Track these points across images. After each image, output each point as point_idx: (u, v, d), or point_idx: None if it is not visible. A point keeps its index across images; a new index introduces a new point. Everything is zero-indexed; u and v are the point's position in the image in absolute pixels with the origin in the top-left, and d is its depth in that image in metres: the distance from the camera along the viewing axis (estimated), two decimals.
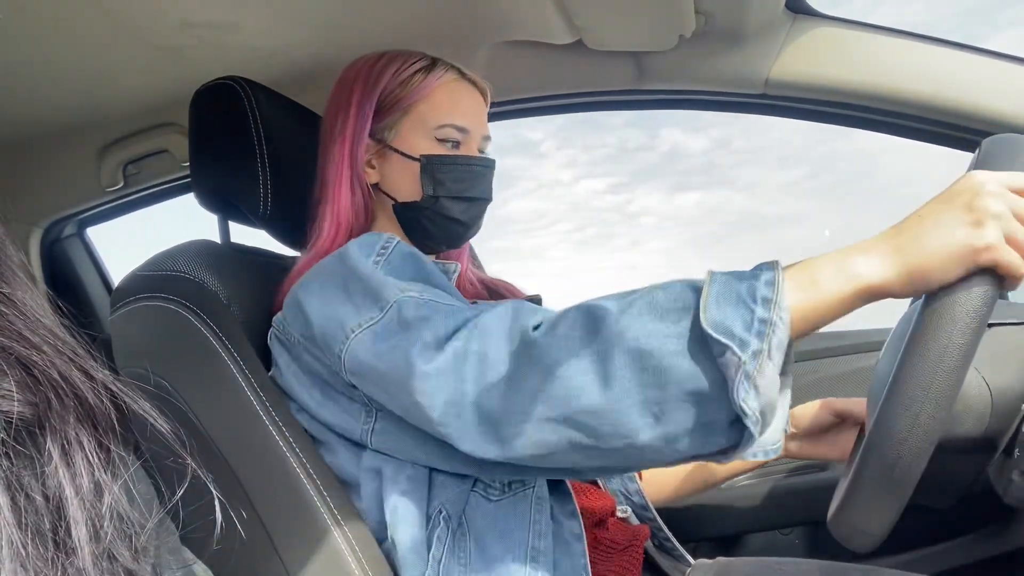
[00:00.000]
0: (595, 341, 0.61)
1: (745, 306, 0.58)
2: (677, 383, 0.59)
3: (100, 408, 0.33)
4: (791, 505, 1.18)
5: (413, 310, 0.71)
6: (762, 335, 0.57)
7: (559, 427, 0.62)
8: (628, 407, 0.60)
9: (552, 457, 0.65)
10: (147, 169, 1.39)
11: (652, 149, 9.44)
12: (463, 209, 0.92)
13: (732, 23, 1.05)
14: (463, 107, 0.92)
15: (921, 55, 1.05)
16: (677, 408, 0.59)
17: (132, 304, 0.84)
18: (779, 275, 0.59)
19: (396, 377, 0.69)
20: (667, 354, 0.59)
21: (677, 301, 0.61)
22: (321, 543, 0.76)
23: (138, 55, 1.03)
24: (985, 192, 0.56)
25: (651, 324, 0.60)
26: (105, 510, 0.31)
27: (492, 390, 0.65)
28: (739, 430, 0.59)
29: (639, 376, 0.59)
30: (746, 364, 0.56)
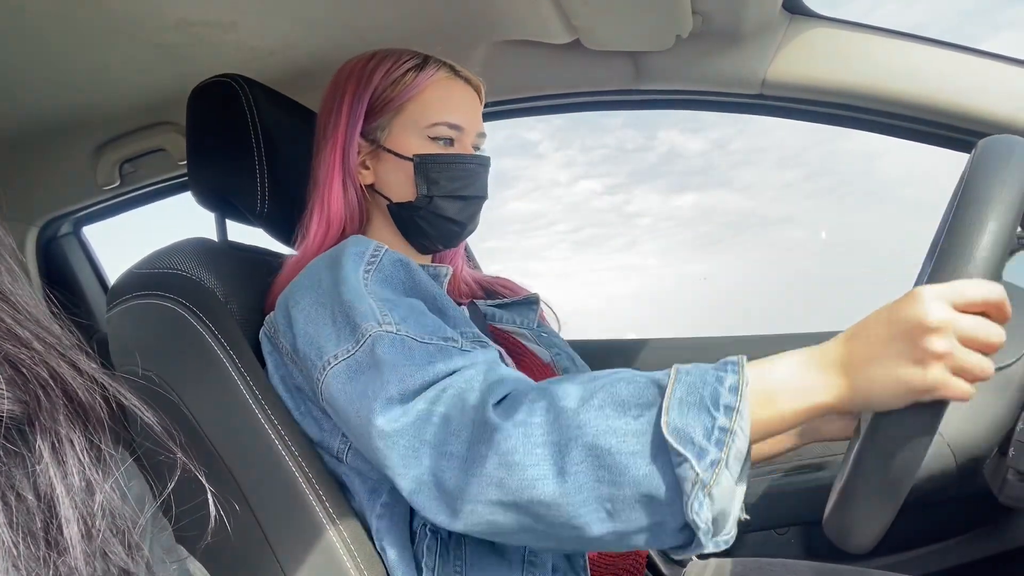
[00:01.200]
0: (553, 431, 0.61)
1: (708, 412, 0.58)
2: (632, 484, 0.59)
3: (90, 405, 0.33)
4: (787, 505, 1.18)
5: (387, 349, 0.70)
6: (721, 444, 0.57)
7: (511, 513, 0.63)
8: (582, 501, 0.60)
9: (503, 536, 0.66)
10: (144, 168, 1.39)
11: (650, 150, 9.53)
12: (458, 208, 0.91)
13: (729, 24, 1.06)
14: (455, 104, 0.91)
15: (918, 56, 1.05)
16: (630, 508, 0.60)
17: (129, 302, 0.84)
18: (743, 382, 0.59)
19: (359, 427, 0.70)
20: (625, 454, 0.59)
21: (640, 397, 0.61)
22: (316, 542, 0.76)
23: (136, 53, 1.03)
24: (929, 329, 0.55)
25: (612, 420, 0.60)
26: (97, 508, 0.31)
27: (449, 463, 0.65)
28: (689, 534, 0.59)
29: (595, 472, 0.60)
30: (702, 476, 0.57)
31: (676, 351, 1.26)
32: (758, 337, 1.24)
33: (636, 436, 0.59)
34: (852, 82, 1.06)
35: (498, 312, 1.00)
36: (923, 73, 1.05)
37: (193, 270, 0.86)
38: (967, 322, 0.55)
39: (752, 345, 1.21)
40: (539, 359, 0.95)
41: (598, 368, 1.02)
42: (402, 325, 0.73)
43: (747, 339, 1.26)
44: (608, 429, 0.60)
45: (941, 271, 0.58)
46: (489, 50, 1.16)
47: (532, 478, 0.61)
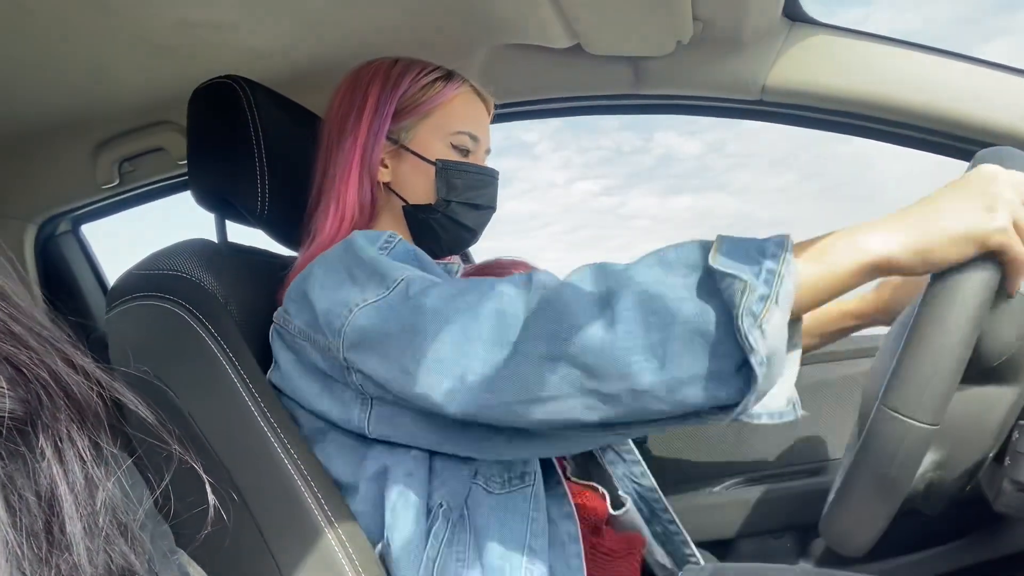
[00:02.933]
0: (601, 283, 0.62)
1: (754, 259, 0.58)
2: (683, 323, 0.58)
3: (90, 403, 0.33)
4: (783, 509, 1.18)
5: (420, 284, 0.71)
6: (770, 283, 0.57)
7: (561, 366, 0.61)
8: (632, 348, 0.59)
9: (549, 405, 0.63)
10: (143, 167, 1.39)
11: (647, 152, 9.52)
12: (472, 216, 0.94)
13: (729, 29, 1.06)
14: (477, 118, 0.96)
15: (916, 64, 1.06)
16: (682, 351, 0.58)
17: (128, 303, 0.84)
18: (788, 239, 0.60)
19: (402, 331, 0.69)
20: (674, 299, 0.59)
21: (688, 257, 0.61)
22: (314, 544, 0.76)
23: (136, 53, 1.03)
24: (999, 180, 0.58)
25: (660, 274, 0.61)
26: (99, 505, 0.31)
27: (503, 346, 0.64)
28: (744, 380, 0.58)
29: (645, 318, 0.59)
30: (753, 300, 0.56)
31: None
32: None
33: (685, 288, 0.59)
34: (852, 89, 1.07)
35: None
36: (922, 81, 1.05)
37: (193, 272, 0.86)
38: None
39: None
40: None
41: None
42: (431, 277, 0.75)
43: None
44: (657, 280, 0.60)
45: (938, 279, 0.59)
46: (490, 54, 1.17)
47: (581, 324, 0.61)
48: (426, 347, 0.67)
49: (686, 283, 0.60)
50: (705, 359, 0.58)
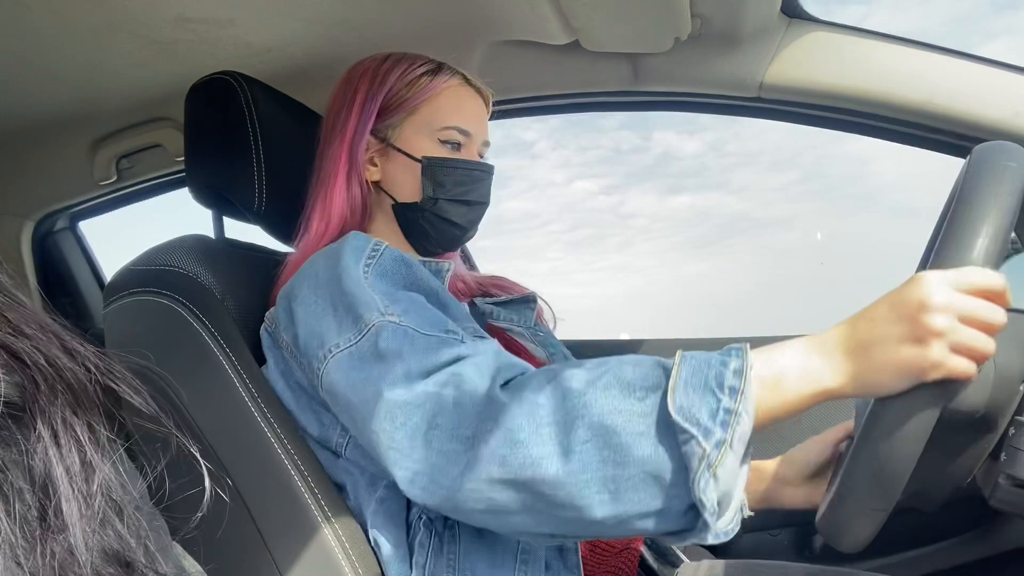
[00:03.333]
0: (559, 411, 0.61)
1: (712, 394, 0.58)
2: (637, 463, 0.59)
3: (87, 388, 0.33)
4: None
5: (390, 339, 0.70)
6: (726, 425, 0.57)
7: (512, 491, 0.62)
8: (585, 482, 0.59)
9: (501, 516, 0.65)
10: (141, 163, 1.38)
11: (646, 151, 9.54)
12: (462, 213, 0.92)
13: (728, 26, 1.06)
14: (467, 111, 0.93)
15: (914, 61, 1.06)
16: (634, 488, 0.59)
17: (125, 298, 0.84)
18: (747, 365, 0.60)
19: (364, 409, 0.69)
20: (630, 434, 0.59)
21: (646, 379, 0.61)
22: (311, 539, 0.76)
23: (133, 49, 1.03)
24: (931, 307, 0.56)
25: (617, 401, 0.60)
26: (96, 488, 0.31)
27: (457, 445, 0.64)
28: (693, 517, 0.59)
29: (600, 452, 0.59)
30: (709, 455, 0.57)
31: (670, 351, 1.26)
32: (751, 338, 1.25)
33: (642, 417, 0.59)
34: (849, 86, 1.07)
35: (496, 310, 1.00)
36: (920, 78, 1.05)
37: (190, 267, 0.86)
38: (969, 302, 0.57)
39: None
40: (535, 358, 0.95)
41: None
42: (404, 317, 0.73)
43: (740, 341, 1.26)
44: (614, 409, 0.60)
45: (938, 265, 0.59)
46: (487, 50, 1.16)
47: (536, 456, 0.60)
48: (385, 431, 0.67)
49: (643, 411, 0.59)
50: (657, 499, 0.59)
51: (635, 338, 1.34)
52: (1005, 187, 0.60)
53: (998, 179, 0.60)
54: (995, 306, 0.57)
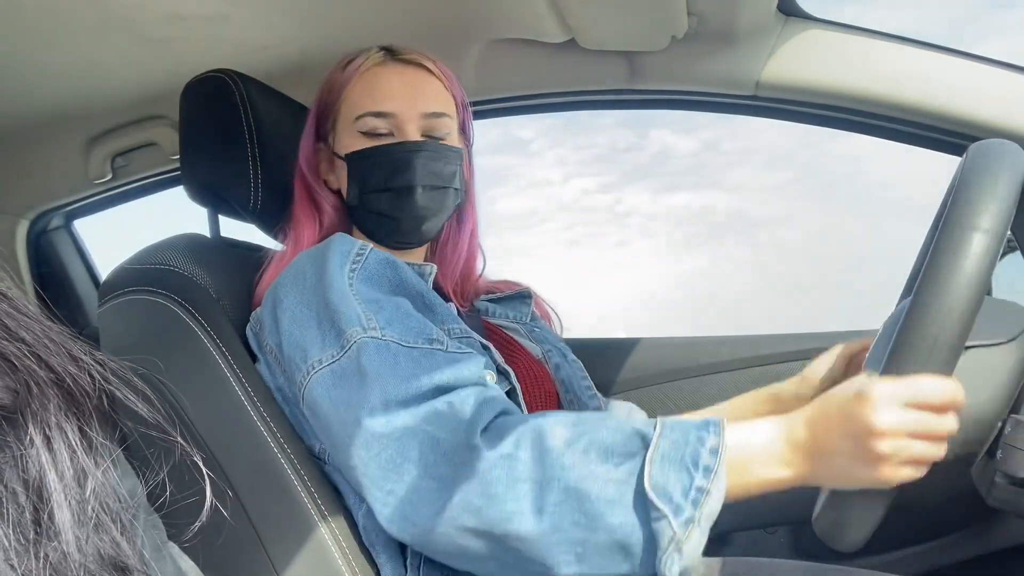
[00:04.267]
0: (536, 469, 0.63)
1: (688, 472, 0.61)
2: (607, 531, 0.61)
3: (85, 394, 0.33)
4: (776, 504, 1.18)
5: (372, 357, 0.71)
6: (697, 503, 0.60)
7: (483, 541, 0.64)
8: (555, 542, 0.62)
9: (469, 562, 0.67)
10: (136, 162, 1.38)
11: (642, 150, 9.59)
12: (388, 201, 0.86)
13: (724, 24, 1.06)
14: (384, 91, 0.87)
15: (910, 59, 1.06)
16: (601, 554, 0.61)
17: (120, 297, 0.84)
18: (722, 446, 0.62)
19: (342, 433, 0.70)
20: (603, 501, 0.61)
21: (624, 446, 0.63)
22: (307, 537, 0.76)
23: (128, 47, 1.03)
24: (876, 432, 0.58)
25: (594, 465, 0.62)
26: (89, 494, 0.31)
27: (430, 484, 0.66)
28: None
29: (572, 515, 0.61)
30: (677, 534, 0.59)
31: (667, 349, 1.26)
32: (745, 337, 1.25)
33: (616, 485, 0.62)
34: (846, 84, 1.07)
35: (491, 306, 1.00)
36: (916, 76, 1.05)
37: (185, 266, 0.86)
38: (916, 419, 0.58)
39: (739, 345, 1.21)
40: (530, 355, 0.95)
41: (589, 365, 1.02)
42: (387, 329, 0.73)
43: (736, 339, 1.26)
44: (590, 474, 0.62)
45: (930, 281, 0.59)
46: (484, 48, 1.16)
47: (510, 512, 0.62)
48: (360, 459, 0.68)
49: (618, 479, 0.61)
50: (623, 565, 0.62)
51: (634, 336, 1.34)
52: (1000, 187, 0.60)
53: (993, 179, 0.60)
54: (943, 417, 0.59)
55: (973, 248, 0.58)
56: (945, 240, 0.59)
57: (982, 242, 0.58)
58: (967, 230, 0.58)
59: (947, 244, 0.59)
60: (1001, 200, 0.59)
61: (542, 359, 0.96)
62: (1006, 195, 0.59)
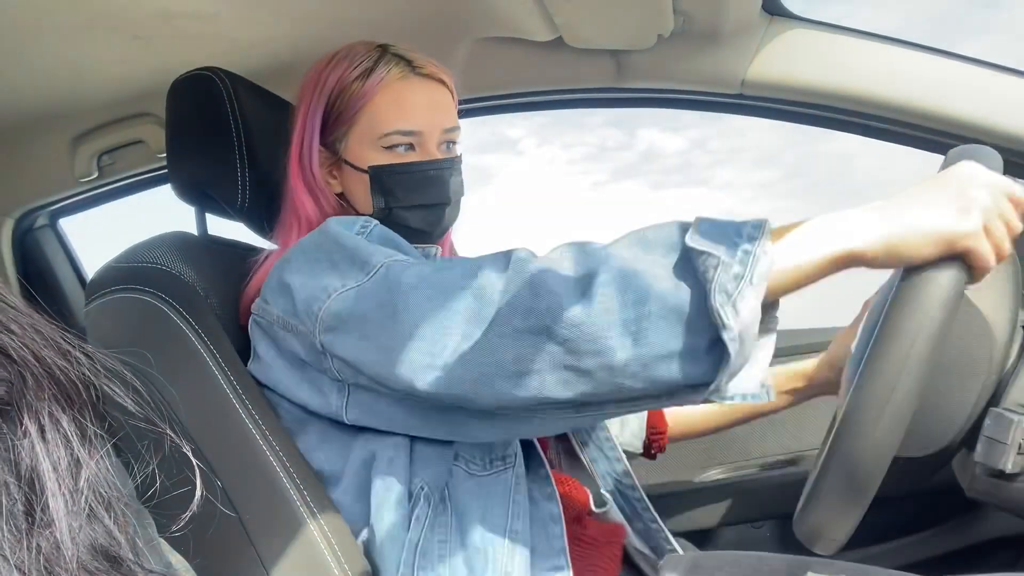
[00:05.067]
0: (580, 262, 0.63)
1: (730, 240, 0.60)
2: (658, 299, 0.59)
3: (76, 386, 0.33)
4: (762, 499, 1.20)
5: (399, 270, 0.71)
6: (745, 262, 0.58)
7: (537, 339, 0.62)
8: (608, 324, 0.60)
9: (524, 379, 0.63)
10: (122, 160, 1.37)
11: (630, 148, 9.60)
12: (420, 217, 0.89)
13: (710, 23, 1.07)
14: (410, 108, 0.87)
15: (894, 59, 1.07)
16: (655, 328, 0.59)
17: (107, 296, 0.84)
18: (767, 223, 0.61)
19: (381, 311, 0.69)
20: (651, 276, 0.60)
21: (667, 237, 0.63)
22: (297, 535, 0.76)
23: (114, 44, 1.02)
24: (978, 183, 0.59)
25: (639, 253, 0.62)
26: (83, 483, 0.31)
27: (479, 302, 0.65)
28: (717, 358, 0.59)
29: (621, 295, 0.60)
30: (728, 279, 0.57)
31: None
32: None
33: (663, 264, 0.61)
34: (830, 83, 1.08)
35: None
36: (900, 75, 1.07)
37: (173, 264, 0.86)
38: (1006, 201, 0.60)
39: None
40: None
41: None
42: (414, 263, 0.74)
43: None
44: (635, 258, 0.62)
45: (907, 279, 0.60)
46: (471, 47, 1.17)
47: (558, 302, 0.61)
48: (404, 324, 0.67)
49: (664, 262, 0.61)
50: (679, 336, 0.59)
51: None
52: None
53: None
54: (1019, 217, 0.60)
55: None
56: None
57: None
58: None
59: None
60: None
61: None
62: None
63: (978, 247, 0.58)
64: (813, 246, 0.61)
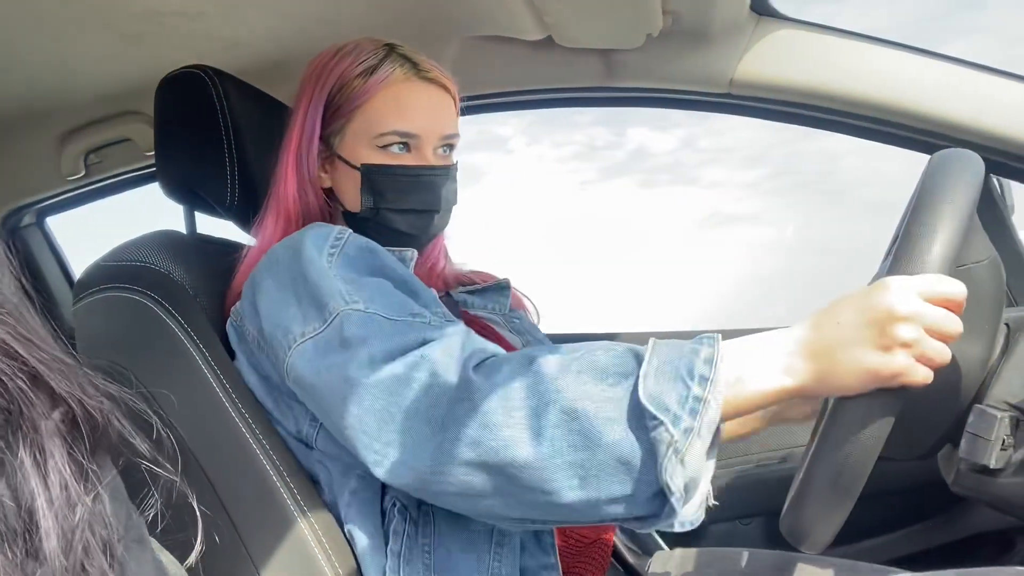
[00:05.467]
0: (532, 396, 0.62)
1: (683, 382, 0.60)
2: (607, 449, 0.60)
3: (85, 421, 0.33)
4: (751, 496, 1.21)
5: (355, 327, 0.70)
6: (695, 412, 0.59)
7: (484, 474, 0.63)
8: (556, 466, 0.61)
9: (473, 500, 0.65)
10: (110, 158, 1.37)
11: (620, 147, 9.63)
12: (408, 221, 0.88)
13: (698, 23, 1.08)
14: (411, 110, 0.86)
15: (881, 59, 1.08)
16: (603, 474, 0.60)
17: (96, 295, 0.83)
18: (717, 355, 0.61)
19: (331, 396, 0.69)
20: (601, 419, 0.60)
21: (618, 366, 0.62)
22: (287, 534, 0.76)
23: (102, 42, 1.02)
24: (898, 317, 0.58)
25: (589, 386, 0.61)
26: (78, 521, 0.31)
27: (428, 427, 0.65)
28: (660, 503, 0.61)
29: (570, 437, 0.60)
30: (677, 442, 0.58)
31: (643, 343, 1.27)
32: (723, 332, 1.27)
33: (613, 403, 0.61)
34: (817, 83, 1.09)
35: (470, 298, 1.00)
36: (886, 76, 1.08)
37: (162, 263, 0.86)
38: (934, 313, 0.58)
39: None
40: (511, 346, 0.96)
41: None
42: (370, 304, 0.72)
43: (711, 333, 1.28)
44: (585, 394, 0.61)
45: (899, 271, 0.61)
46: (461, 45, 1.17)
47: (508, 439, 0.61)
48: (353, 415, 0.67)
49: (615, 397, 0.61)
50: (626, 484, 0.60)
51: (610, 331, 1.35)
52: (962, 195, 0.62)
53: (955, 187, 0.62)
54: (954, 317, 0.59)
55: (934, 253, 0.60)
56: (908, 248, 0.61)
57: (943, 251, 0.60)
58: (928, 237, 0.60)
59: (911, 251, 0.61)
60: (961, 211, 0.61)
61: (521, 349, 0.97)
62: (966, 206, 0.62)
63: (908, 380, 0.58)
64: (754, 388, 0.61)
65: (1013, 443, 0.67)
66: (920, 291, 0.58)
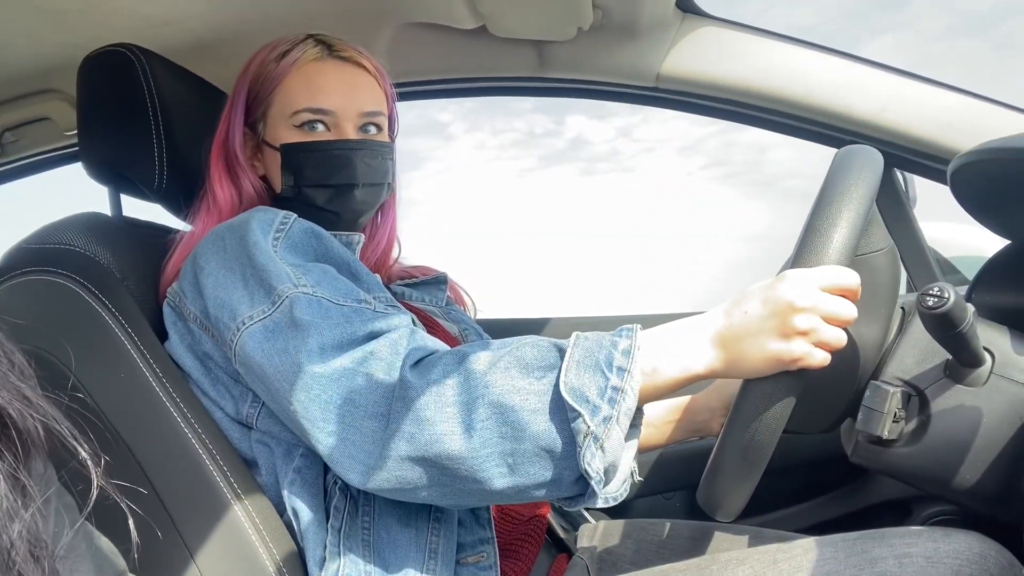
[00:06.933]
0: (463, 391, 0.66)
1: (602, 374, 0.65)
2: (532, 439, 0.65)
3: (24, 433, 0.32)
4: (673, 471, 1.26)
5: (305, 310, 0.72)
6: (613, 401, 0.64)
7: (420, 467, 0.67)
8: (486, 456, 0.65)
9: (411, 491, 0.70)
10: (27, 136, 1.32)
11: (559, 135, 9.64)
12: (327, 197, 0.89)
13: (626, 18, 1.11)
14: (324, 88, 0.88)
15: (797, 58, 1.14)
16: (530, 462, 0.66)
17: (18, 278, 0.81)
18: (635, 347, 0.66)
19: (279, 380, 0.71)
20: (526, 411, 0.65)
21: (543, 360, 0.67)
22: (222, 519, 0.76)
23: (19, 17, 0.98)
24: (797, 308, 0.63)
25: (516, 380, 0.66)
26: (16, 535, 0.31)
27: (371, 423, 0.68)
28: (583, 485, 0.66)
29: (499, 429, 0.65)
30: (595, 431, 0.63)
31: (577, 327, 1.31)
32: (658, 316, 1.32)
33: (537, 395, 0.65)
34: (737, 79, 1.14)
35: (407, 291, 1.02)
36: (801, 74, 1.14)
37: (87, 246, 0.84)
38: (830, 303, 0.64)
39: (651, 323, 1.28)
40: (448, 334, 0.98)
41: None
42: (317, 288, 0.75)
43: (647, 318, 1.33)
44: (512, 388, 0.65)
45: (802, 262, 0.66)
46: (395, 32, 1.17)
47: (441, 433, 0.66)
48: (300, 401, 0.70)
49: (539, 390, 0.65)
50: (549, 470, 0.66)
51: (543, 316, 1.38)
52: (861, 190, 0.67)
53: (855, 183, 0.67)
54: (849, 303, 0.65)
55: (835, 243, 0.65)
56: (811, 240, 0.66)
57: (842, 242, 0.65)
58: (829, 231, 0.66)
59: (813, 244, 0.66)
60: (860, 204, 0.66)
61: (459, 338, 0.99)
62: (864, 199, 0.67)
63: (808, 363, 0.64)
64: (668, 374, 0.67)
65: (904, 416, 0.73)
66: (818, 283, 0.64)
